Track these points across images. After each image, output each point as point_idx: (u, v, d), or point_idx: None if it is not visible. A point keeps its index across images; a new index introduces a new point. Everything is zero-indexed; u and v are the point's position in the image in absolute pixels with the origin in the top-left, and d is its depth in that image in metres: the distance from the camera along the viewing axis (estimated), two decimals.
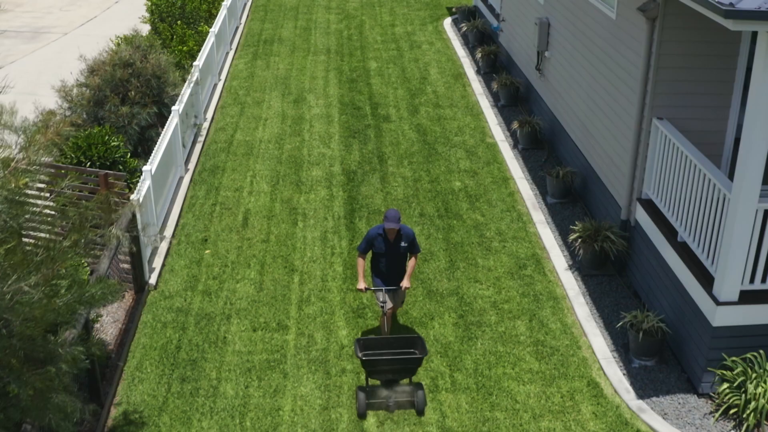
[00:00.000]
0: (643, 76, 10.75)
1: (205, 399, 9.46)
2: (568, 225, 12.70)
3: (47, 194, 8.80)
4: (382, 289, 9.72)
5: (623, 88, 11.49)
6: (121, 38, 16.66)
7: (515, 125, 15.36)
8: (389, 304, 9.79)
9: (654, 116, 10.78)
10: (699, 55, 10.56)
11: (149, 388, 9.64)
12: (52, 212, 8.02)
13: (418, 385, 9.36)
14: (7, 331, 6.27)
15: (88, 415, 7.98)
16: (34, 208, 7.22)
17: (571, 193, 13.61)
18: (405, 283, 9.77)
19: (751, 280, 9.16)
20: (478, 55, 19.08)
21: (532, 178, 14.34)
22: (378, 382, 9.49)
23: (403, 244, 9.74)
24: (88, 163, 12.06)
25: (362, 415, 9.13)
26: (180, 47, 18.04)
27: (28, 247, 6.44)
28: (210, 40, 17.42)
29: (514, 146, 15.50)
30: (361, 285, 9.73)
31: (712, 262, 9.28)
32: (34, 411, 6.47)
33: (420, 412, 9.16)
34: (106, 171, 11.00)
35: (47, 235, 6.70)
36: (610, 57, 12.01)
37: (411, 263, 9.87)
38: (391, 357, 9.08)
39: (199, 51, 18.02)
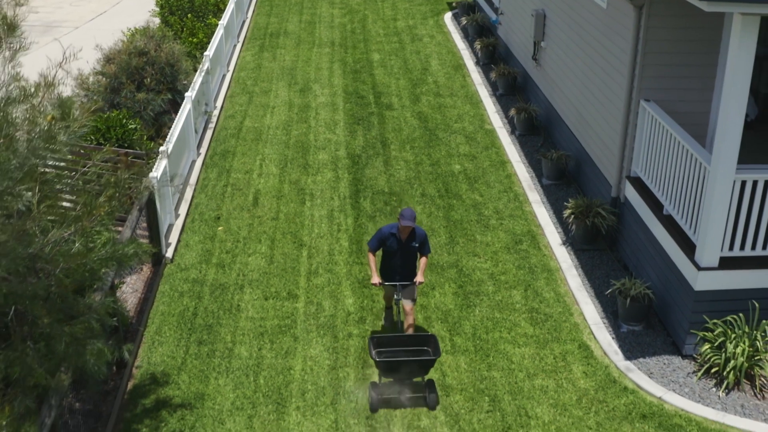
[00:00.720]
0: (632, 61, 11.43)
1: (221, 360, 10.13)
2: (562, 204, 13.36)
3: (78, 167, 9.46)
4: (396, 285, 9.85)
5: (613, 73, 12.16)
6: (133, 30, 17.33)
7: (512, 112, 16.04)
8: (404, 301, 9.92)
9: (642, 98, 11.44)
10: (684, 41, 11.23)
11: (168, 350, 10.31)
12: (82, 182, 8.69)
13: (430, 383, 9.51)
14: (47, 281, 6.94)
15: (126, 355, 8.63)
16: (66, 179, 7.90)
17: (565, 175, 14.28)
18: (419, 277, 9.94)
19: (731, 248, 9.83)
20: (477, 47, 19.76)
21: (528, 161, 15.01)
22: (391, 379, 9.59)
23: (414, 243, 9.88)
24: (107, 145, 12.72)
25: (374, 411, 9.29)
26: (190, 39, 18.72)
27: (66, 204, 7.09)
28: (219, 32, 18.10)
29: (512, 132, 16.17)
30: (375, 279, 9.90)
31: (694, 232, 9.95)
32: (74, 356, 7.13)
33: (432, 409, 9.32)
34: (126, 150, 11.68)
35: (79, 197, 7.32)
36: (602, 44, 12.68)
37: (423, 261, 10.03)
38: (404, 359, 9.16)
39: (208, 43, 18.70)
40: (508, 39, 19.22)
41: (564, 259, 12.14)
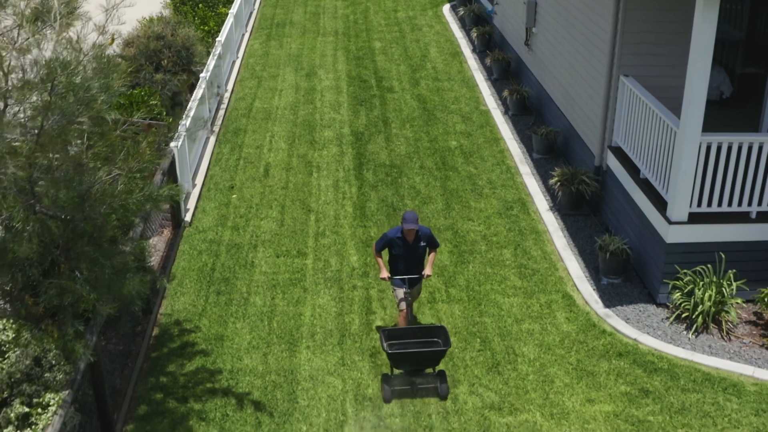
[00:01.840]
0: (612, 41, 12.48)
1: (237, 307, 11.19)
2: (550, 175, 14.39)
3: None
4: (405, 281, 10.01)
5: (596, 52, 13.21)
6: (148, 19, 18.38)
7: (505, 93, 17.09)
8: (410, 297, 10.12)
9: (621, 74, 12.50)
10: (660, 21, 12.28)
11: (190, 300, 11.37)
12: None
13: (441, 373, 9.74)
14: (94, 215, 7.98)
15: (165, 282, 9.64)
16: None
17: (554, 149, 15.34)
18: (427, 270, 10.15)
19: (699, 204, 10.89)
20: (474, 36, 20.82)
21: (520, 138, 16.06)
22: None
23: (422, 244, 10.02)
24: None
25: (387, 401, 9.56)
26: (202, 27, 19.78)
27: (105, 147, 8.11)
28: (229, 21, 19.16)
29: (505, 113, 17.23)
30: (384, 274, 10.11)
31: (666, 190, 11.00)
32: (117, 285, 8.16)
33: (443, 398, 9.60)
34: (149, 121, 12.74)
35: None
36: (586, 27, 13.73)
37: (432, 256, 10.22)
38: (416, 350, 9.44)
39: (219, 31, 19.77)
40: (503, 27, 20.28)
41: (551, 222, 13.20)
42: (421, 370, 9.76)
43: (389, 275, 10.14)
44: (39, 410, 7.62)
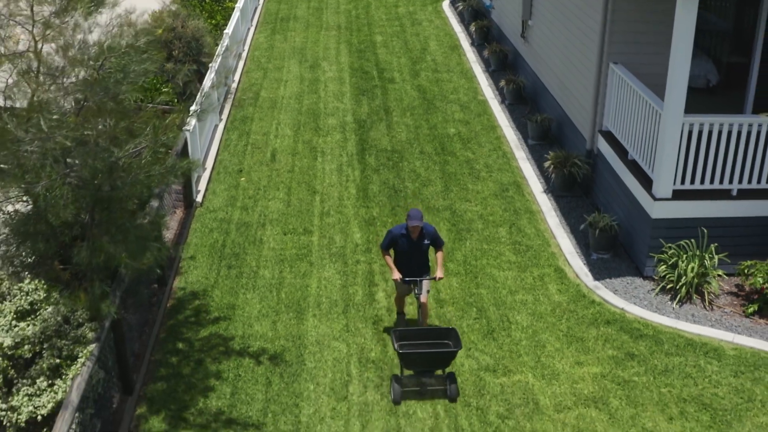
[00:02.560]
0: (602, 30, 13.15)
1: (247, 279, 11.86)
2: (545, 160, 15.05)
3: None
4: (416, 280, 10.13)
5: (587, 41, 13.88)
6: (157, 12, 19.04)
7: (502, 83, 17.77)
8: (423, 294, 10.21)
9: (611, 61, 13.16)
10: (647, 11, 12.95)
11: (202, 273, 12.04)
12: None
13: (451, 375, 9.78)
14: (121, 186, 8.66)
15: (181, 253, 10.28)
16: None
17: (548, 136, 16.01)
18: (439, 273, 10.21)
19: (682, 182, 11.55)
20: (472, 29, 21.50)
21: (516, 126, 16.73)
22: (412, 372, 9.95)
23: (426, 241, 10.15)
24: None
25: (397, 402, 9.62)
26: (209, 20, 20.45)
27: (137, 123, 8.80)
28: (236, 14, 19.84)
29: (502, 102, 17.90)
30: (396, 275, 10.15)
31: (652, 169, 11.66)
32: (140, 249, 8.82)
33: (452, 401, 9.67)
34: (163, 107, 13.41)
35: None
36: (578, 18, 14.39)
37: (439, 256, 10.31)
38: (426, 351, 9.50)
39: (226, 24, 20.43)
40: (500, 21, 20.95)
41: (544, 203, 13.86)
42: (432, 371, 9.80)
43: (401, 276, 10.17)
44: (68, 362, 8.29)
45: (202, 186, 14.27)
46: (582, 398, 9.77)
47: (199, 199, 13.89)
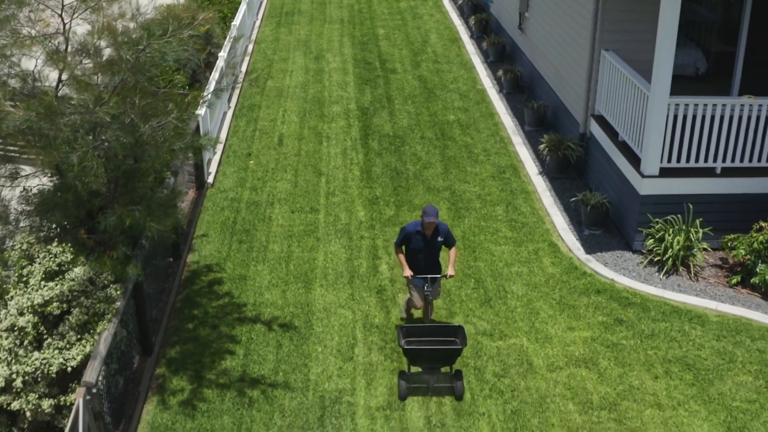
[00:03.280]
0: (594, 18, 13.81)
1: (258, 253, 12.52)
2: (540, 144, 15.72)
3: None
4: (426, 277, 10.19)
5: (580, 30, 14.54)
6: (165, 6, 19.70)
7: (500, 73, 18.44)
8: (432, 294, 10.33)
9: (602, 48, 13.83)
10: (636, 0, 13.61)
11: (215, 247, 12.70)
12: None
13: (458, 373, 9.85)
14: (145, 158, 9.35)
15: (194, 228, 10.85)
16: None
17: (544, 122, 16.68)
18: (450, 271, 10.31)
19: (669, 160, 12.21)
20: (472, 23, 22.18)
21: (513, 113, 17.41)
22: (419, 369, 10.05)
23: (439, 239, 10.22)
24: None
25: (403, 398, 9.72)
26: (218, 13, 21.11)
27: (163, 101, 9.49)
28: (243, 7, 20.51)
29: (500, 91, 18.57)
30: (408, 272, 10.22)
31: (640, 149, 12.32)
32: (162, 216, 9.49)
33: (458, 398, 9.76)
34: (177, 92, 14.06)
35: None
36: (572, 8, 15.06)
37: (452, 253, 10.41)
38: (433, 348, 9.56)
39: (233, 18, 21.10)
40: (499, 14, 21.63)
41: (539, 184, 14.53)
42: (438, 368, 9.86)
43: (412, 274, 10.25)
44: (95, 319, 8.95)
45: (213, 168, 14.94)
46: (573, 359, 10.43)
47: (210, 180, 14.56)
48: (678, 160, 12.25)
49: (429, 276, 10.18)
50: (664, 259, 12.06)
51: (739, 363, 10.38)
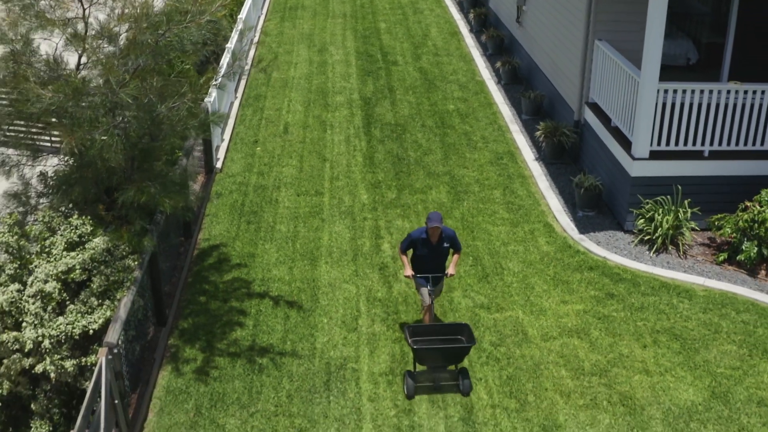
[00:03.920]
0: (587, 9, 14.36)
1: (265, 232, 13.08)
2: (537, 131, 16.28)
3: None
4: (428, 277, 10.33)
5: (575, 21, 15.10)
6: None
7: (498, 64, 19.01)
8: (433, 295, 10.41)
9: (596, 38, 14.39)
10: None
11: (224, 227, 13.26)
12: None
13: (464, 371, 9.95)
14: (161, 136, 9.90)
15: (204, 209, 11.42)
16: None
17: (541, 111, 17.23)
18: (451, 270, 10.44)
19: (659, 143, 12.77)
20: (471, 17, 22.75)
21: (511, 103, 17.97)
22: (425, 367, 10.09)
23: (445, 245, 10.31)
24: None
25: (410, 397, 9.81)
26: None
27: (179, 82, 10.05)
28: (248, 2, 21.07)
29: (498, 82, 19.13)
30: (408, 272, 10.32)
31: (631, 133, 12.88)
32: (174, 192, 10.05)
33: (465, 396, 9.86)
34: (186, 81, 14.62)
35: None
36: (567, 0, 15.61)
37: (456, 257, 10.54)
38: (440, 346, 9.67)
39: (238, 12, 21.67)
40: (497, 8, 22.19)
41: (536, 169, 15.08)
42: (445, 366, 9.95)
43: (413, 273, 10.36)
44: (115, 286, 9.50)
45: (221, 154, 15.50)
46: (566, 330, 10.99)
47: (218, 165, 15.12)
48: (667, 144, 12.80)
49: (429, 275, 10.30)
50: (654, 237, 12.61)
51: (724, 333, 10.93)
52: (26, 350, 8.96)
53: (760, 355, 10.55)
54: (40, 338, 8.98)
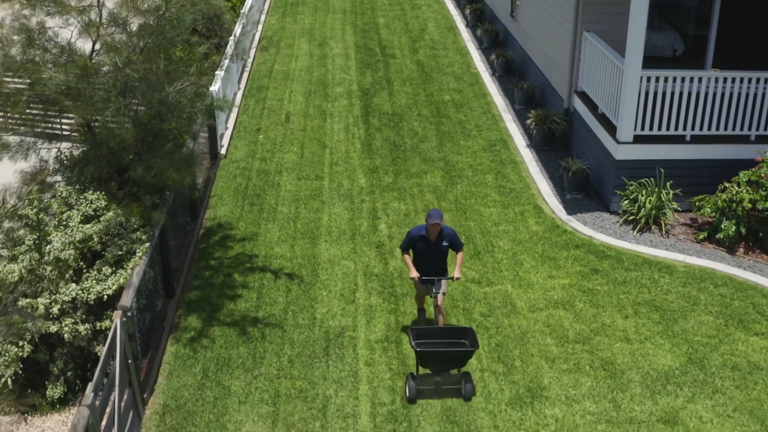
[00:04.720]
0: (576, 2, 15.00)
1: (268, 214, 13.73)
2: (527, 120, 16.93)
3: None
4: (433, 280, 10.36)
5: (564, 13, 15.74)
6: None
7: (493, 57, 19.66)
8: (440, 292, 10.40)
9: (584, 30, 15.03)
10: None
11: (228, 209, 13.91)
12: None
13: (466, 375, 9.92)
14: (169, 117, 10.54)
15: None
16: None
17: (533, 101, 17.88)
18: (456, 273, 10.40)
19: (642, 128, 13.41)
20: (467, 12, 23.40)
21: (504, 94, 18.61)
22: (428, 370, 10.09)
23: (444, 243, 10.34)
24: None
25: (412, 401, 9.77)
26: (226, 2, 22.34)
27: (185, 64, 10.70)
28: None
29: (493, 74, 19.78)
30: (414, 274, 10.33)
31: (617, 118, 13.52)
32: (182, 169, 10.70)
33: (467, 400, 9.86)
34: (198, 57, 15.28)
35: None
36: None
37: (459, 257, 10.50)
38: (443, 349, 9.63)
39: (240, 7, 22.34)
40: (493, 4, 22.84)
41: (527, 155, 15.73)
42: (447, 370, 9.94)
43: (418, 275, 10.37)
44: (128, 256, 10.14)
45: (225, 141, 16.14)
46: (552, 302, 11.62)
47: (223, 152, 15.76)
48: (651, 128, 13.44)
49: (435, 278, 10.33)
50: (637, 218, 13.24)
51: (702, 305, 11.57)
52: (37, 315, 9.57)
53: (735, 325, 11.18)
54: (52, 304, 9.61)
